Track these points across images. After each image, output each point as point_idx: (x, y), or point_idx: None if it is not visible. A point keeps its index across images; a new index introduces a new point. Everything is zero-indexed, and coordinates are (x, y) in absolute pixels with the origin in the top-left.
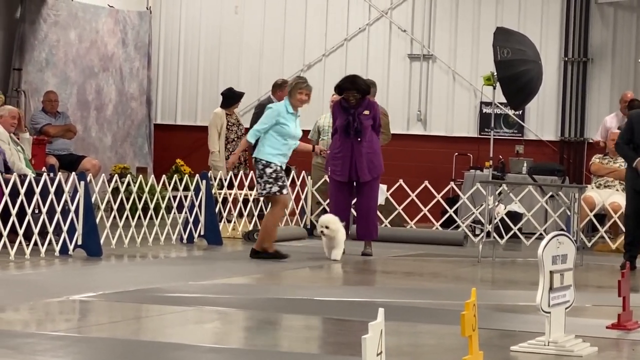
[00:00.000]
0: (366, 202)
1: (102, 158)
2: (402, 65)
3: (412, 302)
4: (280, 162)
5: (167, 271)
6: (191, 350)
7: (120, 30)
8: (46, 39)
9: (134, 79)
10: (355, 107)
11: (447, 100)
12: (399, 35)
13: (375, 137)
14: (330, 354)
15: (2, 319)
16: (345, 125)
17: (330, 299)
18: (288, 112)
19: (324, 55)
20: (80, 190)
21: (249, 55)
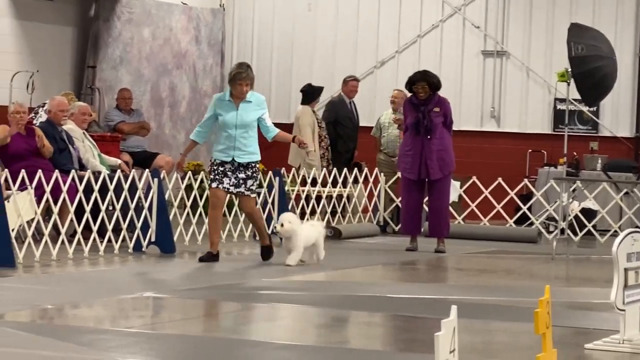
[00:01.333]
0: (437, 199)
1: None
2: (475, 62)
3: (485, 300)
4: (221, 155)
5: (240, 268)
6: (264, 347)
7: (193, 27)
8: (120, 37)
9: (207, 76)
10: (425, 104)
11: (520, 96)
12: (473, 31)
13: (447, 134)
14: (402, 351)
15: (76, 315)
16: (415, 123)
17: (403, 296)
18: (225, 99)
19: (396, 52)
20: (154, 187)
21: (322, 52)
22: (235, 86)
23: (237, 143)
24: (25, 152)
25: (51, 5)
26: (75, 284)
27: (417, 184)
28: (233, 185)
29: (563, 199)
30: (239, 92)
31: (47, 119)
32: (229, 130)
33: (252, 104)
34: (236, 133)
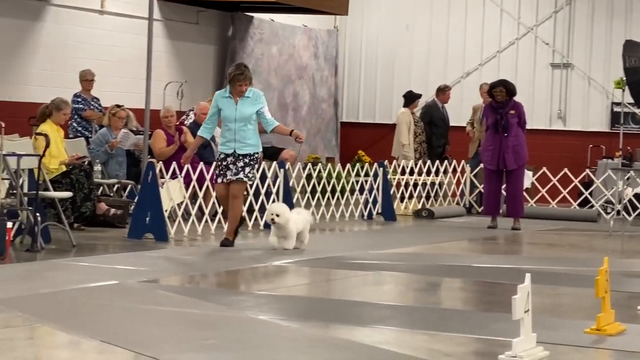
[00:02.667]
0: (513, 186)
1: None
2: (545, 73)
3: (553, 269)
4: (224, 148)
5: (350, 242)
6: (371, 307)
7: (312, 45)
8: (252, 53)
9: (323, 85)
10: (503, 107)
11: (582, 100)
12: (543, 47)
13: (521, 132)
14: (485, 311)
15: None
16: (495, 123)
17: (485, 265)
18: (225, 96)
19: (479, 65)
20: (280, 176)
21: (418, 65)
22: (235, 86)
23: (237, 136)
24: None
25: (196, 27)
26: (217, 255)
27: (497, 174)
28: (234, 174)
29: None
30: (238, 92)
31: (194, 120)
32: (229, 124)
33: (250, 99)
34: (236, 126)
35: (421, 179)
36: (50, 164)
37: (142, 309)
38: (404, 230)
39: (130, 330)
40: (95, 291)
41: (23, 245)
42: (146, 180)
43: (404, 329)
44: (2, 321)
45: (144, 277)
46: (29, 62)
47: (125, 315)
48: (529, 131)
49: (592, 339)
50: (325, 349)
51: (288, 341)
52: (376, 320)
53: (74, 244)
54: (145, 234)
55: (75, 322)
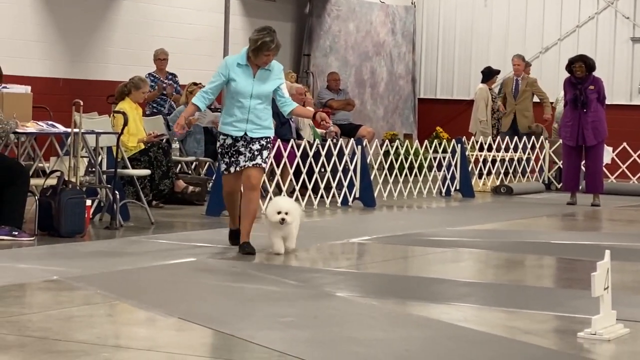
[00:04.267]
0: (593, 162)
1: (376, 127)
2: (625, 47)
3: (634, 245)
4: (232, 130)
5: (428, 219)
6: (450, 284)
7: (389, 21)
8: (330, 30)
9: (401, 61)
10: (582, 82)
11: None
12: (623, 21)
13: (601, 108)
14: (564, 287)
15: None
16: (574, 98)
17: (565, 242)
18: (239, 64)
19: (559, 40)
20: (358, 153)
21: (496, 41)
22: (260, 55)
23: (250, 115)
24: None
25: (273, 4)
26: None
27: (576, 149)
28: (249, 159)
29: None
30: (262, 62)
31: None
32: (242, 99)
33: (271, 72)
34: (251, 104)
35: (499, 155)
36: (129, 142)
37: (219, 286)
38: (482, 207)
39: (208, 307)
40: (174, 268)
41: (102, 223)
42: None
43: (482, 306)
44: (82, 298)
45: (221, 255)
46: (108, 41)
47: (203, 292)
48: (608, 107)
49: None
50: (402, 326)
51: (365, 318)
52: (454, 298)
53: (152, 222)
54: (223, 212)
55: (154, 299)
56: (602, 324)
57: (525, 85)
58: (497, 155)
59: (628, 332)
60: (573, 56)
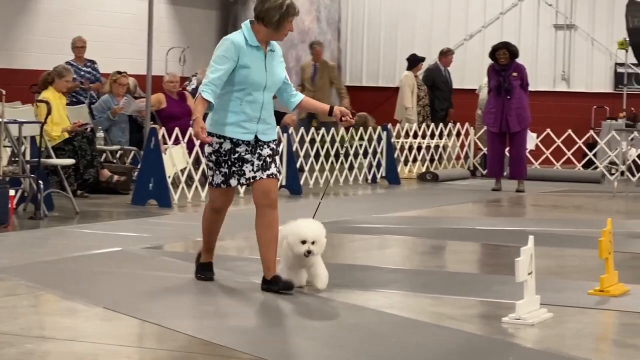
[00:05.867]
0: (517, 148)
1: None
2: (548, 34)
3: (557, 230)
4: (239, 132)
5: (354, 206)
6: (376, 270)
7: (315, 9)
8: None
9: (326, 49)
10: (506, 69)
11: (586, 62)
12: (546, 8)
13: (524, 94)
14: (488, 273)
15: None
16: (497, 85)
17: (489, 228)
18: (250, 44)
19: (483, 27)
20: (284, 141)
21: (421, 28)
22: (286, 25)
23: (263, 113)
24: (178, 113)
25: None
26: None
27: (500, 136)
28: (260, 169)
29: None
30: (283, 35)
31: (197, 87)
32: (254, 93)
33: (276, 54)
34: (264, 98)
35: (425, 142)
36: (53, 131)
37: (145, 275)
38: (408, 194)
39: (133, 297)
40: (99, 258)
41: (26, 213)
42: (149, 146)
43: (407, 292)
44: (6, 289)
45: (147, 244)
46: (30, 29)
47: (128, 282)
48: (532, 93)
49: (595, 300)
50: (329, 313)
51: (289, 305)
52: (380, 284)
53: (77, 211)
54: (149, 201)
55: (79, 289)
56: (526, 308)
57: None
58: (422, 142)
59: (552, 317)
60: (496, 43)
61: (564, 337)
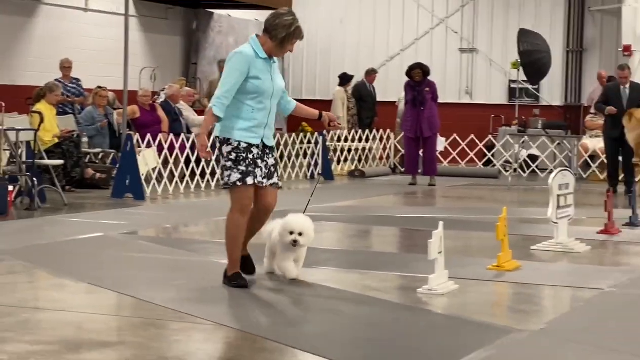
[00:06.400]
0: (429, 150)
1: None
2: (454, 56)
3: (463, 217)
4: (249, 137)
5: (296, 198)
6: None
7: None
8: (214, 43)
9: None
10: (420, 85)
11: (485, 79)
12: (452, 35)
13: (434, 105)
14: (406, 252)
15: (187, 231)
16: (413, 99)
17: (407, 215)
18: (261, 57)
19: (401, 50)
20: None
21: (350, 51)
22: (289, 45)
23: (269, 119)
24: (150, 122)
25: (165, 21)
26: (186, 210)
27: (415, 140)
28: (266, 177)
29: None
30: (284, 53)
31: (166, 100)
32: (264, 101)
33: (276, 64)
34: (271, 104)
35: (354, 145)
36: (45, 137)
37: (123, 256)
38: (340, 188)
39: (113, 274)
40: (84, 242)
41: (23, 205)
42: (126, 149)
43: (340, 269)
44: (5, 268)
45: (124, 230)
46: (27, 52)
47: (109, 261)
48: (441, 104)
49: (493, 274)
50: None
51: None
52: (318, 263)
53: (65, 204)
54: (126, 194)
55: (68, 268)
56: (437, 281)
57: None
58: (352, 145)
59: (457, 288)
60: (412, 64)
61: (467, 304)
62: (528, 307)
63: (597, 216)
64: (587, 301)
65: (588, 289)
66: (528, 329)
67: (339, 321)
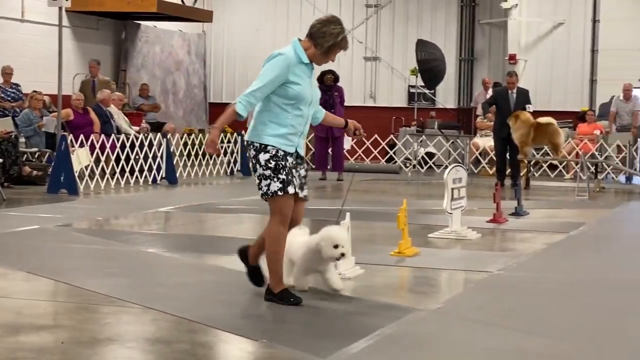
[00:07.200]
0: (338, 148)
1: (177, 124)
2: (360, 64)
3: (368, 209)
4: (285, 144)
5: (217, 192)
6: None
7: (186, 45)
8: (141, 51)
9: (195, 75)
10: (330, 90)
11: (388, 84)
12: (358, 45)
13: (342, 108)
14: None
15: (118, 223)
16: (324, 102)
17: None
18: (301, 61)
19: None
20: (164, 144)
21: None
22: (333, 54)
23: (305, 128)
24: (83, 124)
25: (96, 32)
26: (116, 204)
27: (325, 139)
28: (299, 187)
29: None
30: (326, 61)
31: (97, 104)
32: (303, 108)
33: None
34: (309, 112)
35: None
36: None
37: (58, 246)
38: None
39: (49, 263)
40: (22, 234)
41: None
42: (60, 148)
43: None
44: None
45: (60, 223)
46: None
47: (45, 252)
48: (348, 107)
49: (395, 259)
50: (199, 273)
51: (171, 268)
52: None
53: (4, 199)
54: (61, 190)
55: (6, 258)
56: (345, 266)
57: None
58: None
59: (363, 272)
60: (324, 70)
61: (373, 287)
62: (426, 289)
63: (487, 207)
64: (478, 283)
65: (479, 272)
66: (427, 308)
67: (257, 303)
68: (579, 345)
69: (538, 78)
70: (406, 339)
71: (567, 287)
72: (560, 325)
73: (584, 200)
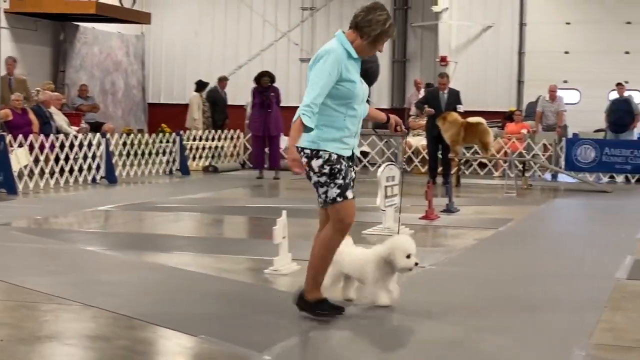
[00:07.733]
0: (274, 147)
1: (116, 124)
2: (296, 65)
3: (304, 206)
4: (341, 148)
5: (156, 191)
6: (172, 238)
7: (125, 46)
8: (80, 52)
9: (134, 75)
10: (267, 90)
11: None
12: (294, 47)
13: (278, 108)
14: (254, 238)
15: (57, 222)
16: (260, 102)
17: (254, 205)
18: (351, 56)
19: (249, 60)
20: (103, 143)
21: (204, 61)
22: (380, 43)
23: (359, 127)
24: (22, 124)
25: (35, 33)
26: (56, 203)
27: (262, 139)
28: (350, 189)
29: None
30: (371, 51)
31: (37, 104)
32: (356, 106)
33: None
34: (362, 111)
35: (208, 144)
36: None
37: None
38: (195, 182)
39: None
40: None
41: None
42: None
43: (196, 253)
44: None
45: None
46: None
47: None
48: (284, 108)
49: None
50: (139, 270)
51: (110, 265)
52: (176, 248)
53: None
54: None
55: None
56: (281, 263)
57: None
58: (206, 143)
59: (299, 268)
60: (261, 71)
61: None
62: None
63: (419, 204)
64: (411, 277)
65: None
66: (362, 302)
67: (196, 299)
68: (505, 335)
69: (468, 79)
70: (342, 332)
71: (494, 280)
72: (487, 316)
73: (512, 197)
